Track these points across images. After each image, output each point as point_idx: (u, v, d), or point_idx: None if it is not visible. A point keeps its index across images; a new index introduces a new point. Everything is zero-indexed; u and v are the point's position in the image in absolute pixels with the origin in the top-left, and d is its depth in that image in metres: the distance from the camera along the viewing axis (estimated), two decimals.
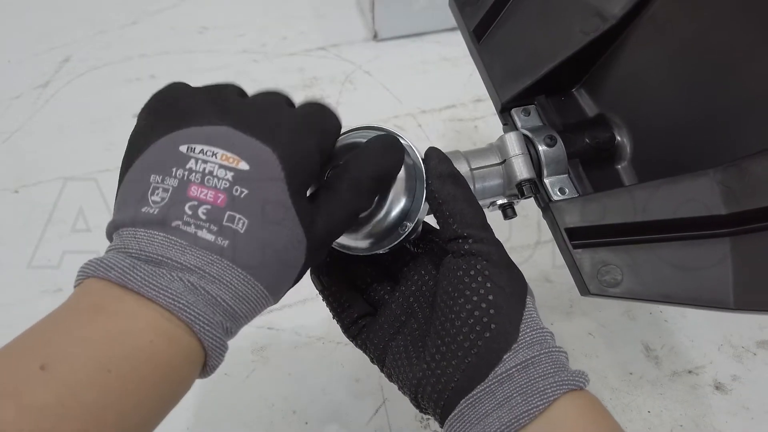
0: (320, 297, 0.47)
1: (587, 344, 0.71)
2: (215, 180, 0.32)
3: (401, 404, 0.66)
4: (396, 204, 0.41)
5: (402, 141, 0.44)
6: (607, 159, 0.50)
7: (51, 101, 0.99)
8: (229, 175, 0.33)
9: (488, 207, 0.49)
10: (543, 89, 0.52)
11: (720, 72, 0.44)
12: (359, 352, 0.47)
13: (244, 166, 0.33)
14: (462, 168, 0.46)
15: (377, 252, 0.43)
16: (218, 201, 0.32)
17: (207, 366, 0.34)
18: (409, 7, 1.05)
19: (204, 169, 0.33)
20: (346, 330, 0.46)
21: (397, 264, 0.47)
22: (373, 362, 0.46)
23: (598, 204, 0.43)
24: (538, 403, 0.35)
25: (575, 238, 0.43)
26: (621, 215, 0.42)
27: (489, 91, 0.54)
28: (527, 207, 0.52)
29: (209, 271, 0.32)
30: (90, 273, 0.32)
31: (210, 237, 0.32)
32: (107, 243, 0.34)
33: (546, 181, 0.48)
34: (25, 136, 0.94)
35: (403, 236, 0.42)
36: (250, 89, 0.40)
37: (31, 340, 0.30)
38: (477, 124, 0.96)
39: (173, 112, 0.35)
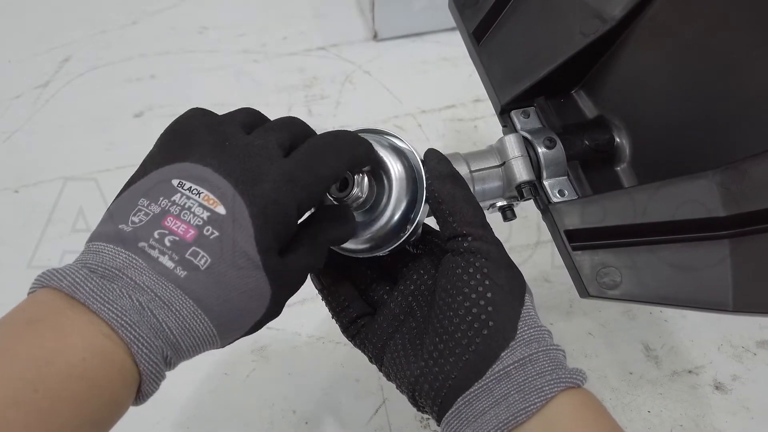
0: (320, 297, 0.47)
1: (587, 344, 0.71)
2: (191, 216, 0.33)
3: (401, 404, 0.66)
4: (397, 208, 0.41)
5: (401, 144, 0.44)
6: (607, 161, 0.50)
7: (51, 101, 0.99)
8: (205, 214, 0.34)
9: (488, 209, 0.49)
10: (542, 91, 0.51)
11: (719, 73, 0.44)
12: (359, 352, 0.47)
13: (221, 210, 0.34)
14: (461, 170, 0.46)
15: (377, 255, 0.43)
16: (187, 235, 0.33)
17: (140, 392, 0.33)
18: (408, 7, 1.05)
19: (185, 204, 0.34)
20: (345, 329, 0.47)
21: (396, 264, 0.47)
22: (371, 361, 0.46)
23: (598, 206, 0.43)
24: (536, 400, 0.35)
25: (575, 240, 0.43)
26: (620, 217, 0.42)
27: (488, 93, 0.54)
28: (527, 208, 0.52)
29: (160, 295, 0.32)
30: (44, 282, 0.32)
31: (170, 264, 0.32)
32: None
33: (545, 183, 0.47)
34: (25, 136, 0.94)
35: (403, 239, 0.42)
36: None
37: None
38: (477, 124, 0.96)
39: (178, 143, 0.37)
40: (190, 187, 0.34)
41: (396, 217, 0.42)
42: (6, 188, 0.86)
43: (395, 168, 0.42)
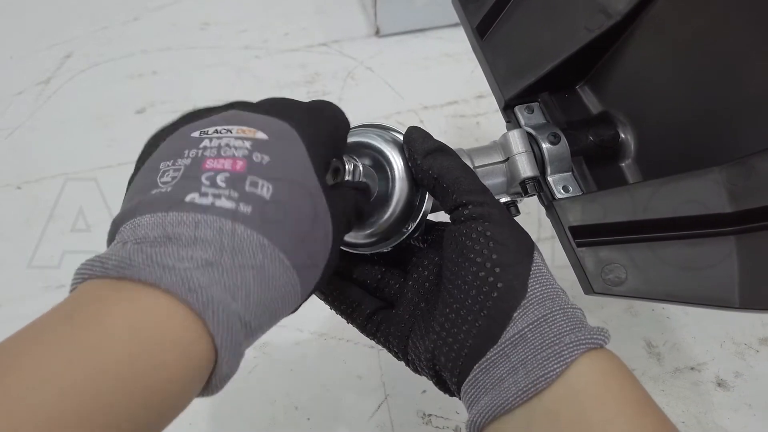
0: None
1: None
2: (232, 150, 0.30)
3: (403, 400, 0.66)
4: (400, 202, 0.41)
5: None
6: (611, 156, 0.50)
7: (53, 97, 0.99)
8: (247, 143, 0.30)
9: None
10: (547, 86, 0.51)
11: (724, 69, 0.43)
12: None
13: (261, 135, 0.31)
14: None
15: (382, 250, 0.43)
16: (237, 167, 0.29)
17: (215, 374, 0.27)
18: (411, 3, 1.05)
19: (219, 144, 0.30)
20: (363, 328, 0.45)
21: (405, 256, 0.45)
22: (398, 357, 0.44)
23: (602, 202, 0.43)
24: (555, 366, 0.33)
25: (579, 237, 0.43)
26: (625, 214, 0.41)
27: (492, 89, 0.53)
28: (527, 203, 0.52)
29: (227, 244, 0.27)
30: (85, 274, 0.27)
31: (230, 204, 0.27)
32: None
33: (550, 179, 0.47)
34: (27, 132, 0.94)
35: (407, 234, 0.42)
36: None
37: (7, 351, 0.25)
38: (479, 120, 0.96)
39: (181, 120, 0.34)
40: (216, 129, 0.31)
41: (399, 211, 0.42)
42: (8, 184, 0.86)
43: (398, 162, 0.42)
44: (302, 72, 1.03)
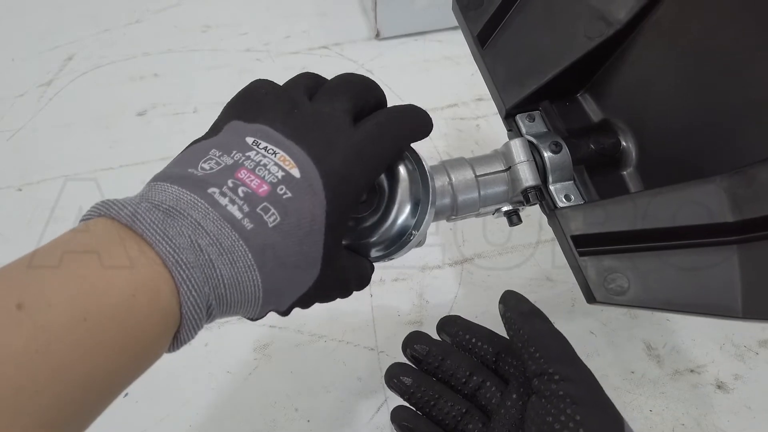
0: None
1: (589, 343, 0.71)
2: (266, 172, 0.33)
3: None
4: (402, 212, 0.41)
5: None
6: (613, 165, 0.50)
7: (55, 99, 0.99)
8: (280, 174, 0.33)
9: (493, 214, 0.49)
10: (547, 94, 0.51)
11: (726, 77, 0.43)
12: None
13: (296, 172, 0.33)
14: (467, 175, 0.46)
15: (386, 260, 0.43)
16: (260, 190, 0.32)
17: (176, 339, 0.31)
18: (411, 6, 1.05)
19: (260, 161, 0.33)
20: None
21: (483, 392, 0.45)
22: None
23: (604, 211, 0.43)
24: None
25: (581, 245, 0.43)
26: (626, 222, 0.41)
27: (493, 97, 0.53)
28: (528, 207, 0.52)
29: (222, 241, 0.30)
30: (102, 211, 0.31)
31: (238, 214, 0.31)
32: None
33: (551, 187, 0.47)
34: (29, 134, 0.94)
35: (410, 243, 0.42)
36: None
37: (12, 275, 0.29)
38: (479, 123, 0.96)
39: (249, 107, 0.37)
40: (266, 146, 0.33)
41: (401, 221, 0.42)
42: (9, 186, 0.86)
43: (399, 170, 0.42)
44: None
